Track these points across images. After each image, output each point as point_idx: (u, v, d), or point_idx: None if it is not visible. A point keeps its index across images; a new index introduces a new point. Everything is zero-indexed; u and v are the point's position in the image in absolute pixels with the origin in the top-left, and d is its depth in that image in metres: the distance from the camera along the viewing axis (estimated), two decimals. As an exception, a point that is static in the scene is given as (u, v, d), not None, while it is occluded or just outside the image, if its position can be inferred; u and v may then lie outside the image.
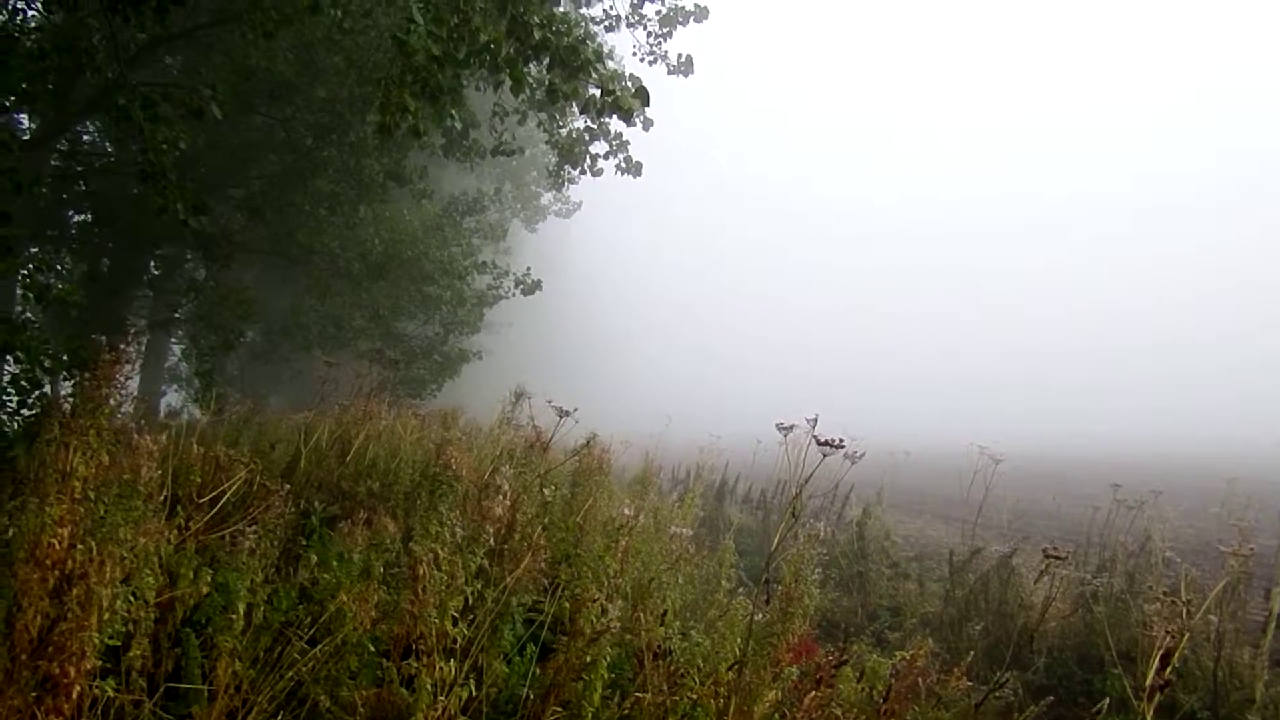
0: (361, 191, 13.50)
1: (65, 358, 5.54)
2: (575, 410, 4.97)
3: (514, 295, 18.33)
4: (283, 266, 15.84)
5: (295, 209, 13.22)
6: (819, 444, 3.17)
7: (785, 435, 4.14)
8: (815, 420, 3.31)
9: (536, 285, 17.97)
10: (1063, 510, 14.80)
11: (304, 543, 3.74)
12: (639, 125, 14.83)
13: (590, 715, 3.11)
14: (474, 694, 2.96)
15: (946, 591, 7.18)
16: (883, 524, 10.02)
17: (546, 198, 30.59)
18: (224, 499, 3.96)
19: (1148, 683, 2.73)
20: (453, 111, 7.79)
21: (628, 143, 15.35)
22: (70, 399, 2.78)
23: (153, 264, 15.40)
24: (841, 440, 3.17)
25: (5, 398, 5.28)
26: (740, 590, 5.33)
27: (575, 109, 11.75)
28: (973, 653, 4.11)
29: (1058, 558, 3.76)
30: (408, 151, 13.76)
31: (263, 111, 12.32)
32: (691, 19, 17.79)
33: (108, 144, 14.41)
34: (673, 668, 3.29)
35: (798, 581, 3.18)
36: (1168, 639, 2.75)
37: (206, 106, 7.66)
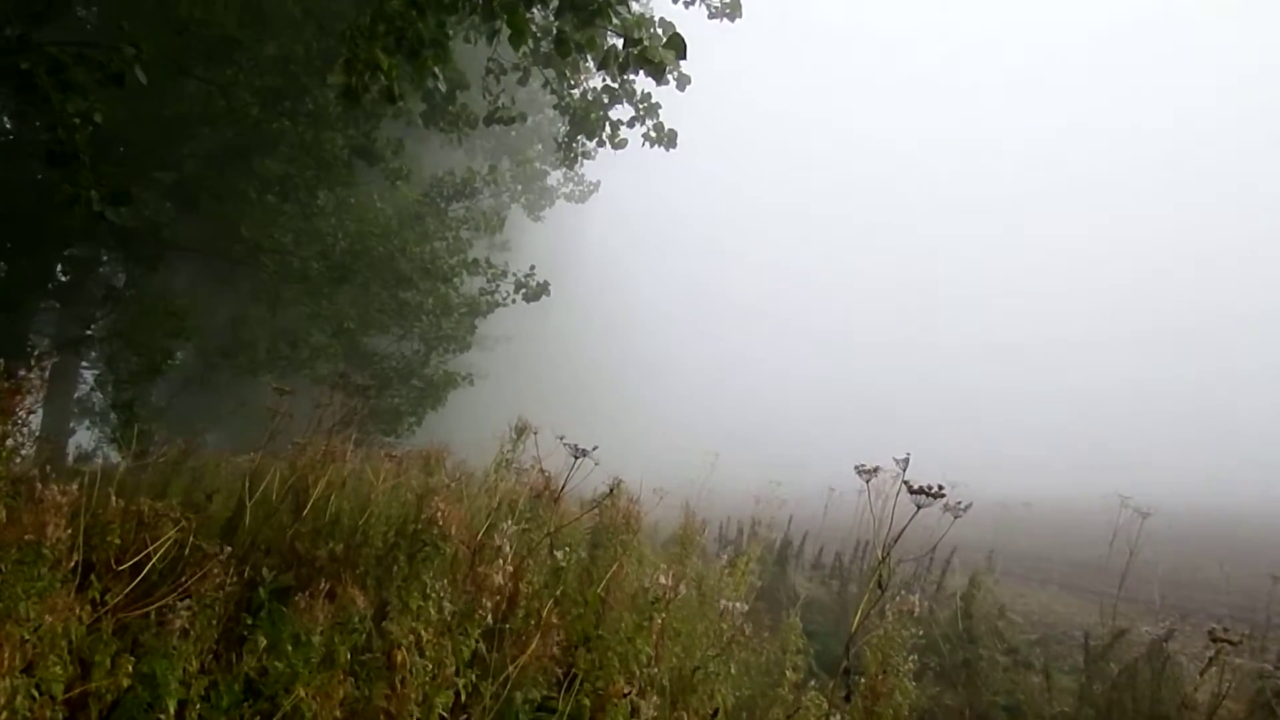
0: (321, 173, 13.74)
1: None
2: (595, 449, 4.97)
3: (514, 301, 18.51)
4: (223, 269, 16.11)
5: (238, 196, 13.48)
6: (911, 493, 3.15)
7: (867, 482, 4.11)
8: (906, 462, 3.29)
9: (543, 289, 18.13)
10: (1233, 581, 14.53)
11: (250, 621, 3.77)
12: (672, 83, 14.92)
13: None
14: (467, 817, 2.95)
15: (1081, 686, 7.07)
16: (995, 597, 9.90)
17: (555, 177, 30.87)
18: (149, 565, 4.00)
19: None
20: (436, 70, 7.90)
21: (658, 106, 15.45)
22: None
23: (60, 269, 15.69)
24: (940, 488, 3.15)
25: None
26: (811, 683, 5.28)
27: (591, 64, 11.83)
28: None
29: (1229, 643, 3.69)
30: (379, 122, 14.00)
31: (199, 75, 12.58)
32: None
33: (4, 119, 14.76)
34: (724, 785, 3.26)
35: (886, 672, 3.14)
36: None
37: (129, 70, 7.82)
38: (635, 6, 9.27)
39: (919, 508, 3.17)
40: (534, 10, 8.40)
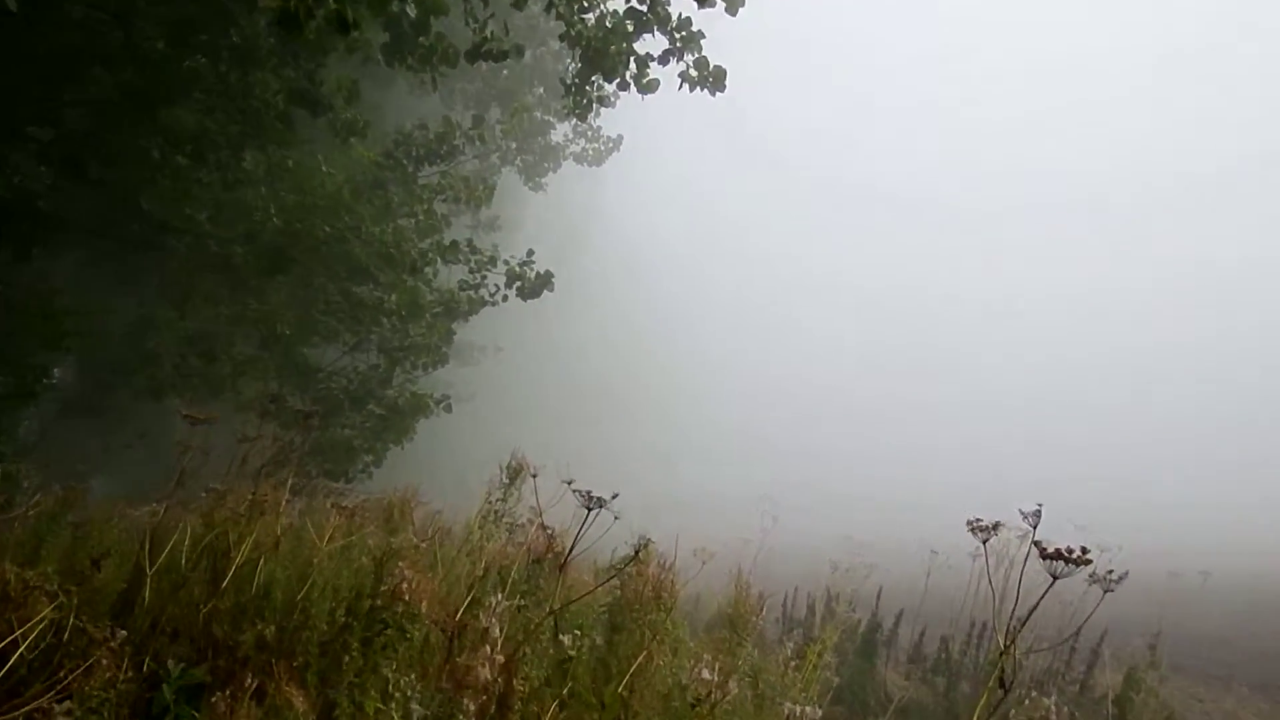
0: (248, 127, 13.84)
1: None
2: (614, 497, 4.96)
3: (505, 299, 18.56)
4: (117, 257, 16.24)
5: (138, 158, 13.58)
6: (1044, 557, 3.12)
7: (984, 542, 4.08)
8: (1037, 517, 3.26)
9: (544, 281, 18.18)
10: None
11: (151, 730, 3.77)
12: (720, 4, 14.91)
13: None
14: None
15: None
16: (1162, 702, 9.79)
17: (562, 132, 30.98)
18: (15, 655, 4.02)
19: None
20: (402, -12, 7.93)
21: (700, 35, 15.43)
22: None
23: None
24: (1085, 551, 3.12)
25: None
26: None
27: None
28: None
29: None
30: (326, 58, 14.07)
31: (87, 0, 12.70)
32: None
33: None
34: None
35: (1011, 803, 3.11)
36: None
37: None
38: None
39: (1055, 577, 3.13)
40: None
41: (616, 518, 5.10)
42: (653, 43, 15.36)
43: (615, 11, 15.13)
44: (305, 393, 16.86)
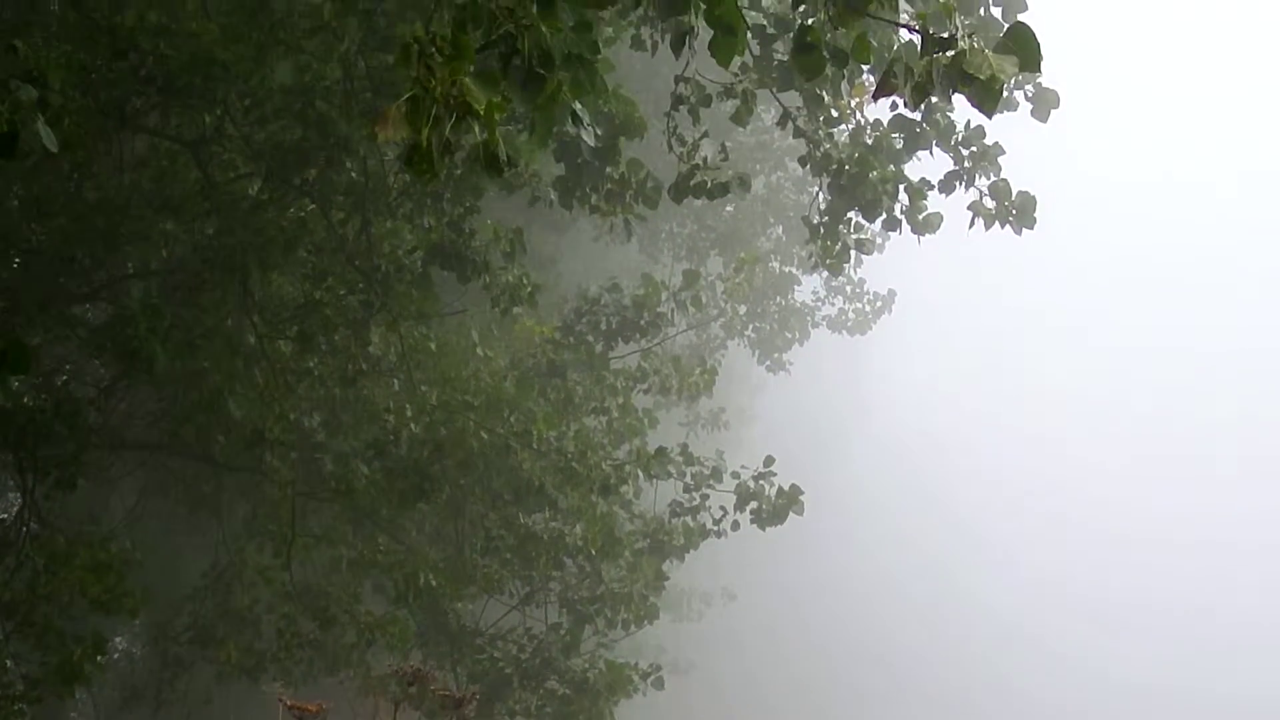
0: (374, 297, 14.00)
1: None
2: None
3: (735, 526, 18.34)
4: (193, 481, 16.54)
5: (225, 343, 13.83)
6: None
7: None
8: None
9: (790, 501, 17.88)
10: None
11: None
12: (1021, 104, 14.59)
13: None
14: None
15: None
16: None
17: (810, 289, 31.01)
18: None
19: None
20: (577, 105, 7.95)
21: (998, 152, 14.92)
22: None
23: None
24: None
25: None
26: None
27: (867, 82, 11.59)
28: None
29: None
30: (478, 200, 14.20)
31: (151, 127, 13.14)
32: None
33: None
34: None
35: None
36: None
37: (24, 123, 8.15)
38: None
39: None
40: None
41: None
42: (930, 164, 15.17)
43: (876, 122, 14.93)
44: (459, 665, 16.82)
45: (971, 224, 14.98)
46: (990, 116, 9.82)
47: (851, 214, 15.24)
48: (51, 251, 13.73)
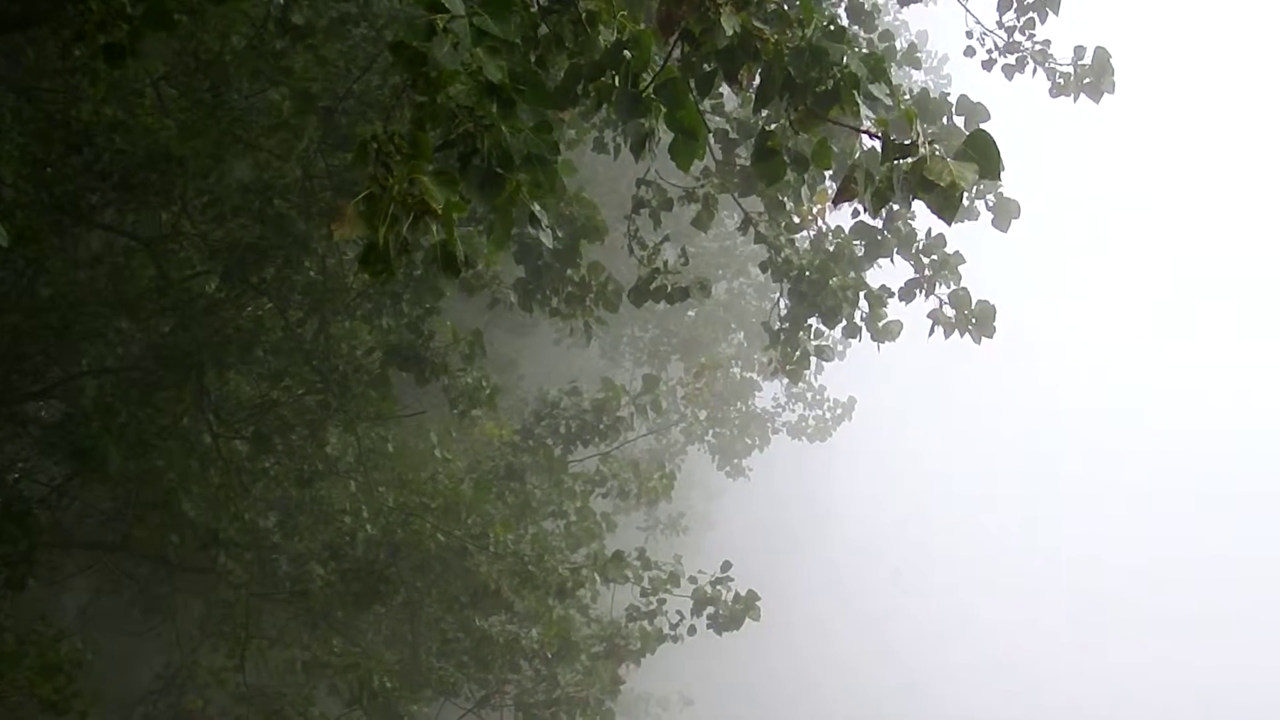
0: (332, 398, 14.02)
1: None
2: None
3: (692, 630, 18.33)
4: (147, 583, 16.49)
5: (179, 442, 13.81)
6: None
7: None
8: None
9: (747, 607, 17.85)
10: None
11: None
12: (982, 214, 14.75)
13: None
14: None
15: None
16: None
17: (770, 395, 31.12)
18: None
19: None
20: (536, 208, 8.06)
21: (957, 260, 14.92)
22: None
23: None
24: None
25: None
26: None
27: (829, 187, 11.70)
28: None
29: None
30: (437, 302, 14.24)
31: (105, 222, 13.19)
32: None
33: None
34: None
35: None
36: None
37: None
38: (915, 76, 9.34)
39: None
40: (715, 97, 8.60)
41: None
42: (891, 271, 15.19)
43: (838, 229, 14.95)
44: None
45: (931, 331, 15.09)
46: (950, 224, 9.92)
47: (812, 320, 15.24)
48: (3, 348, 13.68)
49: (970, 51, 17.13)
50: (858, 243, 14.82)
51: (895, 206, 9.60)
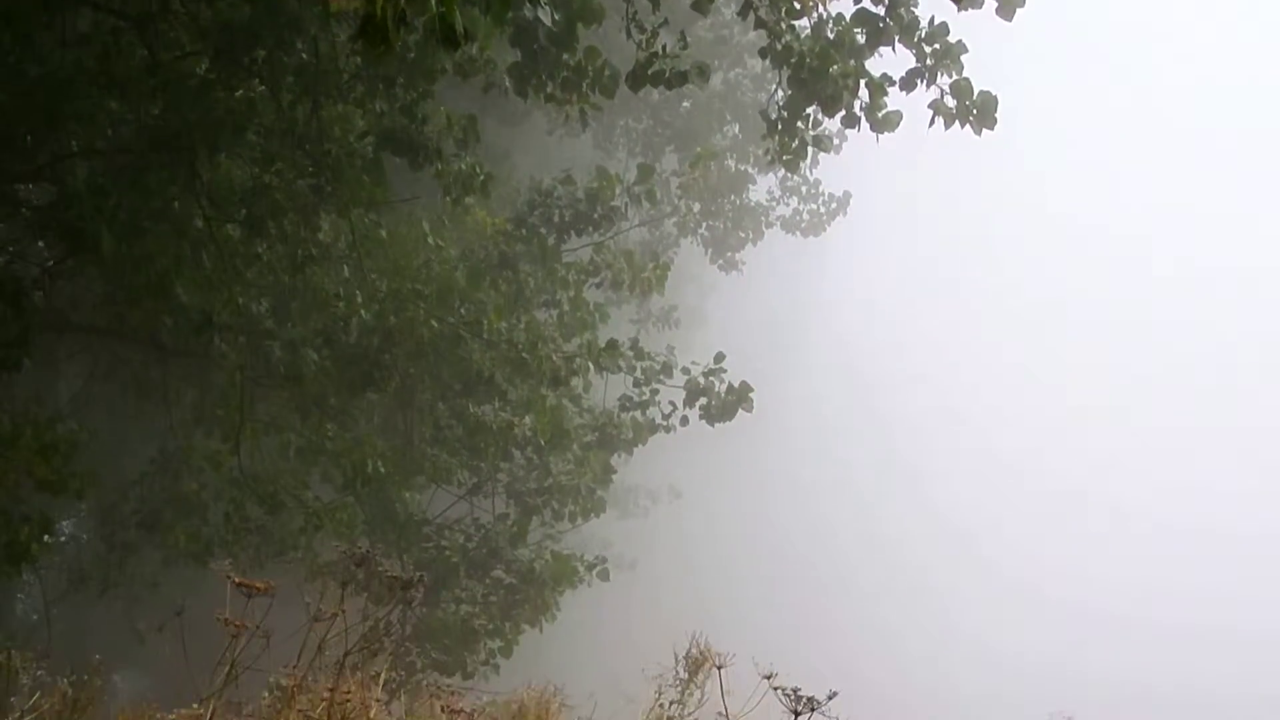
0: (325, 182, 13.94)
1: None
2: (832, 697, 4.99)
3: (684, 421, 18.53)
4: (141, 367, 16.56)
5: (172, 226, 13.76)
6: None
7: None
8: None
9: (739, 398, 18.01)
10: None
11: None
12: (987, 3, 14.59)
13: None
14: None
15: None
16: None
17: (765, 189, 30.92)
18: None
19: None
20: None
21: (960, 49, 14.79)
22: None
23: None
24: None
25: None
26: None
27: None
28: None
29: None
30: (432, 86, 14.13)
31: (95, 2, 12.99)
32: None
33: None
34: None
35: None
36: None
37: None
38: None
39: None
40: None
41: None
42: (892, 60, 15.12)
43: (839, 16, 14.76)
44: (406, 553, 16.91)
45: (931, 122, 15.11)
46: (959, 7, 9.94)
47: (810, 110, 15.17)
48: (-10, 127, 13.52)
49: None
50: (859, 30, 14.69)
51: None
